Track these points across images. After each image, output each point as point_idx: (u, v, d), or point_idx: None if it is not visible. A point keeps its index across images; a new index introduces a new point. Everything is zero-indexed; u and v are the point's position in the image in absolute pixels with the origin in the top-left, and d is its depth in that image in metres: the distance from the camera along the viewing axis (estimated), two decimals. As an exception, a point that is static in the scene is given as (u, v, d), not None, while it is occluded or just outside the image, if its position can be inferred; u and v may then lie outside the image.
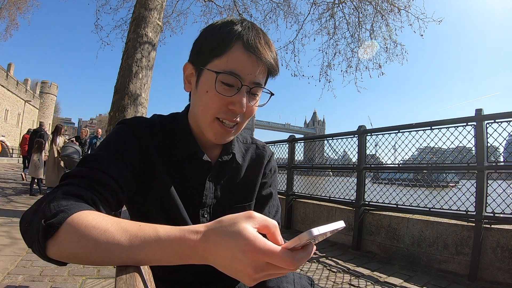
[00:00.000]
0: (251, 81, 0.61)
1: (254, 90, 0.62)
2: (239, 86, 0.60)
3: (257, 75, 0.61)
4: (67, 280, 2.07)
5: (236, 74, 0.59)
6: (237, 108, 0.60)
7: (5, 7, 11.34)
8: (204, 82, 0.62)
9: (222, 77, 0.59)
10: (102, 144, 0.62)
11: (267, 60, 0.61)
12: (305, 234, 0.35)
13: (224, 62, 0.59)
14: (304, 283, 0.71)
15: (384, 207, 3.21)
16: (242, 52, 0.59)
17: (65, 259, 0.42)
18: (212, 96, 0.60)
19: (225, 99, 0.60)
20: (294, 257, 0.37)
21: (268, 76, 0.66)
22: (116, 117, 3.92)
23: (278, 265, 0.37)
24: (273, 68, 0.64)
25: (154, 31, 4.31)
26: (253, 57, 0.60)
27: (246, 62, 0.60)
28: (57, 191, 0.47)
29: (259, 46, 0.60)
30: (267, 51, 0.61)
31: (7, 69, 33.73)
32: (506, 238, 2.27)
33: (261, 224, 0.40)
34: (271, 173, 0.81)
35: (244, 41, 0.59)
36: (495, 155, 2.63)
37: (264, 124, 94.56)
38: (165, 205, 0.65)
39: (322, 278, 2.42)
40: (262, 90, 0.65)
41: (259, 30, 0.63)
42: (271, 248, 0.36)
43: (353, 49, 7.78)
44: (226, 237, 0.38)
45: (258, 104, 0.66)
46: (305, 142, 4.81)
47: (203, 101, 0.62)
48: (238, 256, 0.37)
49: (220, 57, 0.60)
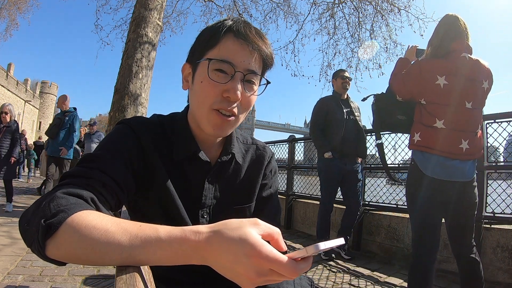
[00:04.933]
0: (245, 68, 0.61)
1: (249, 77, 0.62)
2: (233, 73, 0.60)
3: (251, 63, 0.61)
4: (67, 280, 2.07)
5: (228, 61, 0.59)
6: (232, 95, 0.60)
7: (5, 7, 11.34)
8: (198, 73, 0.63)
9: (214, 64, 0.60)
10: (102, 143, 0.62)
11: (260, 47, 0.62)
12: (312, 247, 0.37)
13: (216, 52, 0.61)
14: (304, 284, 0.71)
15: (384, 207, 3.21)
16: (233, 40, 0.61)
17: (65, 259, 0.42)
18: (206, 85, 0.61)
19: (220, 87, 0.60)
20: (298, 266, 0.38)
21: (264, 68, 0.66)
22: (116, 117, 3.92)
23: (281, 273, 0.37)
24: (267, 57, 0.64)
25: (154, 31, 4.31)
26: (245, 44, 0.61)
27: (238, 49, 0.61)
28: (56, 191, 0.47)
29: (249, 34, 0.61)
30: (259, 39, 0.62)
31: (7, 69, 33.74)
32: (506, 238, 2.27)
33: (266, 231, 0.40)
34: (272, 174, 0.80)
35: (234, 31, 0.61)
36: (495, 155, 2.63)
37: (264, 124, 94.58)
38: (164, 205, 0.65)
39: (322, 278, 2.42)
40: (258, 80, 0.65)
41: (250, 24, 0.64)
42: (277, 256, 0.37)
43: (353, 49, 7.78)
44: (231, 241, 0.38)
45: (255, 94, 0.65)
46: (305, 142, 4.81)
47: (199, 92, 0.63)
48: (242, 260, 0.37)
49: (212, 48, 0.61)
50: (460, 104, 1.50)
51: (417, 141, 1.57)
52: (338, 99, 3.03)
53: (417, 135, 1.57)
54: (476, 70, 1.53)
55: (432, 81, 1.51)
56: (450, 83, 1.49)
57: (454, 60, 1.52)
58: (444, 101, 1.51)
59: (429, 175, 1.51)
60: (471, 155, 1.50)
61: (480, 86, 1.53)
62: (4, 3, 11.22)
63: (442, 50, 1.55)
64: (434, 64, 1.54)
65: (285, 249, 0.41)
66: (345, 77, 3.04)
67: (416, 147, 1.57)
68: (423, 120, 1.56)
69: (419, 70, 1.55)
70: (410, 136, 1.63)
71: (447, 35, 1.55)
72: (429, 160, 1.52)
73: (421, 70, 1.55)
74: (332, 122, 2.94)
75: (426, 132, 1.54)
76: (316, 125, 3.02)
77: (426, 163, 1.53)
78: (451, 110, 1.50)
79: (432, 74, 1.51)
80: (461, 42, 1.54)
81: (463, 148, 1.48)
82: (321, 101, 3.08)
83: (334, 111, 2.95)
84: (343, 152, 2.91)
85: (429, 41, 1.66)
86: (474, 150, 1.50)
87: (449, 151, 1.48)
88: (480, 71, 1.53)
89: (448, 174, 1.49)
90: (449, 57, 1.53)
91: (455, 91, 1.50)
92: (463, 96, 1.50)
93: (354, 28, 7.58)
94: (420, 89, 1.56)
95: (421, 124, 1.57)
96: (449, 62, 1.52)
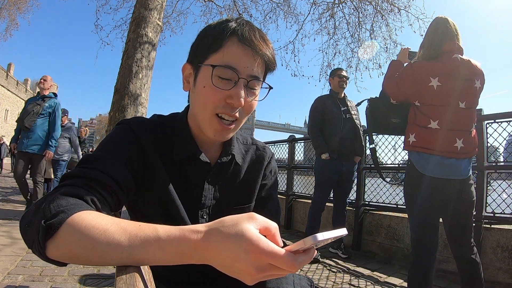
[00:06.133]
0: (248, 74, 0.61)
1: (252, 84, 0.62)
2: (236, 79, 0.60)
3: (254, 69, 0.61)
4: (67, 280, 2.07)
5: (232, 67, 0.59)
6: (235, 101, 0.60)
7: (5, 7, 11.33)
8: (201, 78, 0.62)
9: (218, 71, 0.59)
10: (102, 144, 0.62)
11: (264, 52, 0.61)
12: (310, 238, 0.36)
13: (220, 57, 0.60)
14: (304, 284, 0.71)
15: (384, 207, 3.21)
16: (237, 46, 0.60)
17: (65, 259, 0.42)
18: (209, 90, 0.60)
19: (223, 93, 0.60)
20: (296, 259, 0.37)
21: (266, 71, 0.66)
22: (116, 117, 3.91)
23: (281, 267, 0.37)
24: (270, 62, 0.64)
25: (154, 31, 4.31)
26: (249, 50, 0.60)
27: (242, 55, 0.60)
28: (57, 192, 0.47)
29: (254, 39, 0.61)
30: (263, 44, 0.62)
31: (7, 69, 33.72)
32: (506, 238, 2.27)
33: (263, 225, 0.40)
34: (271, 175, 0.80)
35: (239, 35, 0.60)
36: (495, 155, 2.63)
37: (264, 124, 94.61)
38: (164, 205, 0.65)
39: (322, 278, 2.42)
40: (260, 84, 0.65)
41: (254, 26, 0.64)
42: (274, 250, 0.37)
43: (353, 49, 7.76)
44: (228, 238, 0.38)
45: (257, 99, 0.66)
46: (305, 142, 4.81)
47: (201, 97, 0.62)
48: (241, 256, 0.37)
49: (216, 52, 0.61)
50: (454, 104, 1.52)
51: (412, 142, 1.58)
52: (335, 98, 3.05)
53: (412, 136, 1.59)
54: (468, 70, 1.55)
55: (425, 83, 1.54)
56: (443, 84, 1.51)
57: (446, 62, 1.54)
58: (438, 102, 1.53)
59: (426, 174, 1.53)
60: (466, 153, 1.53)
61: (472, 86, 1.55)
62: (4, 3, 11.22)
63: (434, 52, 1.57)
64: (426, 66, 1.56)
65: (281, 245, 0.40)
66: (342, 76, 3.05)
67: (412, 147, 1.59)
68: (418, 121, 1.58)
69: (412, 72, 1.57)
70: (405, 137, 1.65)
71: (438, 37, 1.58)
72: (426, 160, 1.53)
73: (414, 72, 1.57)
74: (330, 120, 2.96)
75: (421, 133, 1.56)
76: (314, 124, 3.03)
77: (423, 162, 1.54)
78: (445, 110, 1.52)
79: (425, 76, 1.54)
80: (452, 44, 1.56)
81: (458, 147, 1.51)
82: (318, 100, 3.09)
83: (331, 110, 2.97)
84: (341, 151, 2.92)
85: (421, 43, 1.69)
86: (469, 149, 1.53)
87: (444, 150, 1.50)
88: (472, 71, 1.55)
89: (445, 172, 1.51)
90: (441, 59, 1.55)
91: (448, 91, 1.52)
92: (457, 96, 1.52)
93: (354, 28, 7.57)
94: (414, 91, 1.58)
95: (415, 125, 1.59)
96: (442, 63, 1.54)
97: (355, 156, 3.04)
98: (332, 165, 2.94)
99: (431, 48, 1.59)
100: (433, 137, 1.52)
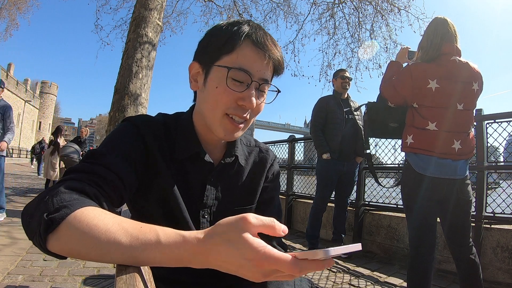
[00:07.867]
0: (260, 77, 0.62)
1: (262, 86, 0.64)
2: (249, 82, 0.61)
3: (266, 72, 0.63)
4: (67, 280, 2.07)
5: (246, 70, 0.60)
6: (247, 103, 0.61)
7: (5, 7, 11.33)
8: (213, 78, 0.62)
9: (233, 73, 0.60)
10: (107, 140, 0.62)
11: (275, 57, 0.63)
12: (322, 252, 0.35)
13: (234, 59, 0.61)
14: (305, 285, 0.71)
15: (384, 207, 3.22)
16: (251, 49, 0.61)
17: (65, 254, 0.43)
18: (221, 92, 0.61)
19: (235, 95, 0.61)
20: (301, 266, 0.37)
21: (274, 74, 0.67)
22: (116, 117, 3.92)
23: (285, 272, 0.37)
24: (280, 66, 0.66)
25: (154, 31, 4.31)
26: (262, 54, 0.61)
27: (256, 58, 0.61)
28: (60, 186, 0.47)
29: (267, 43, 0.62)
30: (274, 47, 0.63)
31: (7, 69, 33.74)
32: (506, 238, 2.27)
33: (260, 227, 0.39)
34: (274, 177, 0.81)
35: (253, 39, 0.61)
36: (495, 155, 2.63)
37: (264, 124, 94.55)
38: (166, 204, 0.65)
39: (322, 278, 2.42)
40: (269, 87, 0.66)
41: (266, 31, 0.65)
42: (275, 256, 0.36)
43: (353, 49, 7.77)
44: (228, 246, 0.37)
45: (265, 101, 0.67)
46: (305, 142, 4.81)
47: (213, 97, 0.62)
48: (245, 264, 0.37)
49: (229, 54, 0.61)
50: (452, 106, 1.53)
51: (410, 143, 1.59)
52: (338, 99, 3.06)
53: (410, 138, 1.59)
54: (466, 72, 1.55)
55: (423, 86, 1.54)
56: (442, 86, 1.52)
57: (444, 64, 1.54)
58: (437, 104, 1.53)
59: (423, 174, 1.53)
60: (463, 155, 1.53)
61: (470, 88, 1.55)
62: (4, 3, 11.22)
63: (432, 53, 1.58)
64: (424, 68, 1.56)
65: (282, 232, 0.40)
66: (345, 77, 3.06)
67: (410, 149, 1.59)
68: (416, 123, 1.58)
69: (410, 75, 1.57)
70: (403, 139, 1.65)
71: (436, 38, 1.58)
72: (423, 160, 1.54)
73: (412, 75, 1.57)
74: (332, 121, 2.97)
75: (419, 135, 1.56)
76: (316, 124, 3.04)
77: (420, 163, 1.55)
78: (443, 112, 1.53)
79: (424, 78, 1.54)
80: (450, 45, 1.56)
81: (455, 148, 1.51)
82: (321, 100, 3.10)
83: (334, 110, 2.98)
84: (342, 152, 2.93)
85: (419, 44, 1.68)
86: (466, 150, 1.54)
87: (442, 151, 1.51)
88: (470, 74, 1.56)
89: (442, 172, 1.52)
90: (439, 61, 1.55)
91: (446, 94, 1.52)
92: (455, 98, 1.53)
93: (354, 28, 7.58)
94: (412, 93, 1.58)
95: (413, 127, 1.59)
96: (440, 65, 1.54)
97: (356, 157, 3.05)
98: (333, 166, 2.94)
99: (430, 49, 1.58)
100: (431, 139, 1.53)
